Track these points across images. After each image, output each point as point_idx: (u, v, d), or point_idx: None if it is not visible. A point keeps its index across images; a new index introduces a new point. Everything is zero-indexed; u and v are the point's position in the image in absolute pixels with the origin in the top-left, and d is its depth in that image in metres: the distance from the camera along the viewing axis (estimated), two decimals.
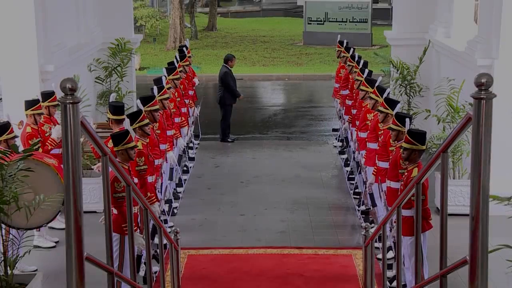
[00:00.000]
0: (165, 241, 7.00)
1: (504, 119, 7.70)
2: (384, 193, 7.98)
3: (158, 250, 6.83)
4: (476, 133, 3.01)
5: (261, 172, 11.60)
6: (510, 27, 9.01)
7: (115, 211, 6.53)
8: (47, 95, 8.65)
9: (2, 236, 6.06)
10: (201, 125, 13.58)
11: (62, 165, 6.71)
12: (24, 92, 9.05)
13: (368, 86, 9.42)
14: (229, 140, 13.57)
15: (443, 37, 11.79)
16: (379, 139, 8.40)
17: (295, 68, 22.83)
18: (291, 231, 9.03)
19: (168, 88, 10.05)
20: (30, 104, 8.40)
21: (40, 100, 8.53)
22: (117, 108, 8.00)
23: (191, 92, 12.51)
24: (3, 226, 6.13)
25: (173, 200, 9.76)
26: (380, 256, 7.36)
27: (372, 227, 7.21)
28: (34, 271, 7.38)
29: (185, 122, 11.05)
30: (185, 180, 11.06)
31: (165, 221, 8.90)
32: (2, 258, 6.04)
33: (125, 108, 8.39)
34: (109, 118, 8.05)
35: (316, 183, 11.01)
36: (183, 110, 11.08)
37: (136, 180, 7.22)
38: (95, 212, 8.99)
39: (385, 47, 22.77)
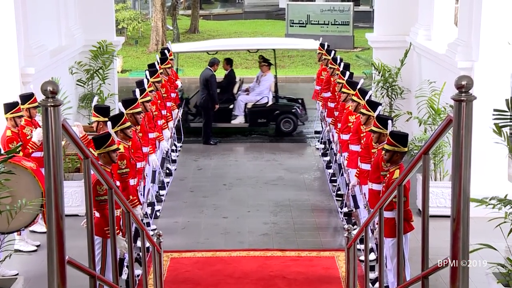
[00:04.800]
0: (147, 244, 6.98)
1: (484, 121, 7.76)
2: (364, 195, 8.02)
3: (140, 253, 6.81)
4: (457, 135, 3.04)
5: (244, 175, 11.60)
6: (490, 30, 9.10)
7: (97, 214, 6.50)
8: (26, 97, 8.59)
9: None
10: (183, 127, 13.54)
11: (41, 168, 6.71)
12: (4, 95, 8.98)
13: (350, 89, 9.46)
14: (211, 142, 13.56)
15: (424, 39, 11.88)
16: (362, 141, 8.44)
17: (277, 70, 22.84)
18: (274, 233, 9.04)
19: (151, 91, 10.02)
20: (10, 107, 8.33)
21: (19, 103, 8.46)
22: (106, 110, 8.01)
23: (173, 95, 12.48)
24: None
25: (155, 203, 9.73)
26: (362, 258, 7.39)
27: (354, 229, 7.22)
28: (15, 275, 7.32)
29: (165, 124, 11.02)
30: (168, 183, 11.03)
31: (148, 224, 8.87)
32: None
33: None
34: (97, 121, 8.04)
35: (298, 185, 11.03)
36: (164, 112, 11.04)
37: (118, 183, 7.19)
38: (77, 215, 8.94)
39: (366, 50, 22.88)
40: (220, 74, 14.49)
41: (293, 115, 14.32)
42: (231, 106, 14.14)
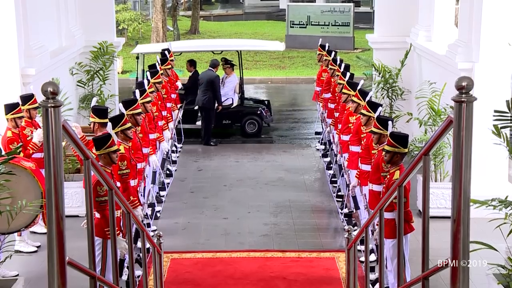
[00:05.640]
0: (148, 245, 6.98)
1: (485, 122, 7.76)
2: (364, 196, 8.01)
3: (141, 254, 6.81)
4: (457, 136, 3.03)
5: (244, 176, 11.60)
6: (490, 31, 9.10)
7: (97, 215, 6.50)
8: (27, 98, 8.59)
9: None
10: (184, 128, 13.54)
11: (40, 169, 6.71)
12: (5, 96, 8.98)
13: (350, 89, 9.46)
14: (212, 143, 13.55)
15: (424, 40, 11.88)
16: (362, 142, 8.44)
17: (277, 72, 22.87)
18: (274, 234, 9.04)
19: (151, 92, 10.02)
20: (10, 108, 8.33)
21: (20, 104, 8.46)
22: (103, 112, 7.97)
23: (173, 96, 12.48)
24: None
25: (156, 203, 9.72)
26: (363, 258, 7.39)
27: (355, 230, 7.23)
28: (16, 276, 7.32)
29: (166, 125, 11.02)
30: (168, 183, 11.03)
31: (148, 225, 8.87)
32: None
33: (109, 111, 8.37)
34: (93, 122, 7.99)
35: (299, 186, 11.02)
36: (164, 113, 11.04)
37: (118, 184, 7.19)
38: (77, 216, 8.94)
39: (367, 51, 22.89)
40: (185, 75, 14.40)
41: (258, 117, 14.36)
42: (196, 107, 14.05)
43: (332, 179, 10.97)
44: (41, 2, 10.92)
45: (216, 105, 13.64)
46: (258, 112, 14.38)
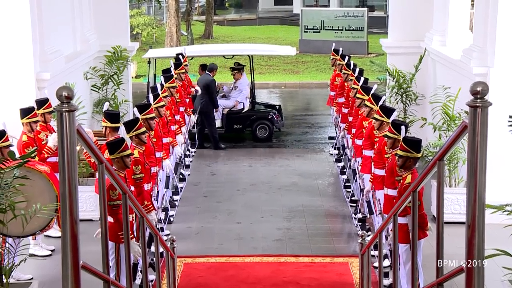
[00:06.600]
0: (161, 249, 6.99)
1: (500, 127, 7.71)
2: (378, 201, 7.99)
3: (154, 259, 6.83)
4: (472, 141, 3.02)
5: (257, 180, 11.60)
6: (505, 35, 9.04)
7: (110, 219, 6.52)
8: (41, 102, 8.65)
9: None
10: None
11: (54, 172, 6.75)
12: (20, 100, 9.04)
13: (364, 94, 9.44)
14: (222, 146, 13.56)
15: (438, 45, 11.83)
16: (375, 146, 8.41)
17: (291, 76, 22.86)
18: (287, 239, 9.02)
19: (165, 96, 10.05)
20: (26, 112, 8.38)
21: (35, 108, 8.52)
22: (115, 116, 8.00)
23: (187, 100, 12.51)
24: None
25: (169, 208, 9.75)
26: (376, 264, 7.36)
27: (368, 235, 7.21)
28: (30, 279, 7.36)
29: (179, 129, 11.04)
30: (182, 188, 11.05)
31: (162, 229, 8.89)
32: None
33: (121, 116, 8.39)
34: (105, 127, 8.00)
35: (312, 191, 11.00)
36: (177, 117, 11.07)
37: (132, 188, 7.21)
38: (91, 220, 8.98)
39: (381, 55, 22.84)
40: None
41: (269, 121, 14.38)
42: None
43: (346, 184, 10.95)
44: (56, 7, 11.00)
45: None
46: (269, 117, 14.40)
